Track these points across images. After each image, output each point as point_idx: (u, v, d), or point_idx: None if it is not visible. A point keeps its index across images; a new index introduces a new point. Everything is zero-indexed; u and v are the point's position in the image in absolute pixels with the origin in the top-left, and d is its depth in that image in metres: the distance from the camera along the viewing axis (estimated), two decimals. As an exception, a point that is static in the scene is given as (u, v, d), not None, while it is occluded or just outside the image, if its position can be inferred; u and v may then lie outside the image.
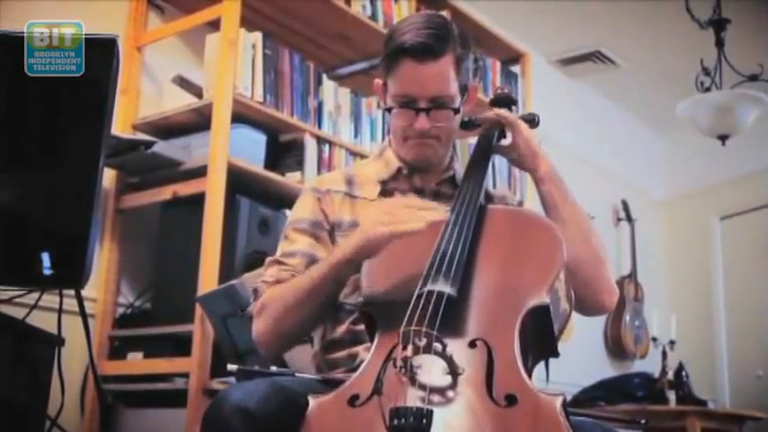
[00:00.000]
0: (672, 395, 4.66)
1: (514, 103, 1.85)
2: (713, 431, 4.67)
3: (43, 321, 1.69)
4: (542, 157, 1.71)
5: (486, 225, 1.53)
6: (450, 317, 1.31)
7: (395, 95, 1.67)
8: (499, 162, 3.50)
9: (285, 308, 1.57)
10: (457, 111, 1.68)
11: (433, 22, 1.69)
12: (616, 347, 5.61)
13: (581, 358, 4.65)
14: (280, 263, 1.68)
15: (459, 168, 1.79)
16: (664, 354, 4.88)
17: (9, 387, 1.58)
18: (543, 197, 1.70)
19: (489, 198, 1.79)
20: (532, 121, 1.82)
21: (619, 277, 5.75)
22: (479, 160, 1.71)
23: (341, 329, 1.64)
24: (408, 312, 1.31)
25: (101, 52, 1.57)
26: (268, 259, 1.71)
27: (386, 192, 1.75)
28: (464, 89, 1.70)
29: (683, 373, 4.75)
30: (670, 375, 4.77)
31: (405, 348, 1.23)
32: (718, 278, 6.10)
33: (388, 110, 1.69)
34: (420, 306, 1.31)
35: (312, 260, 1.65)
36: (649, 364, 5.40)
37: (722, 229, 6.17)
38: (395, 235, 1.43)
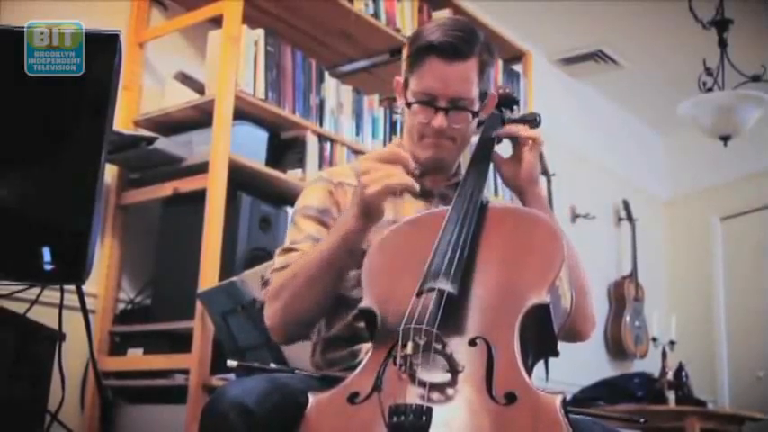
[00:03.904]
0: (671, 395, 4.66)
1: (516, 102, 1.85)
2: (712, 431, 4.67)
3: (44, 316, 1.69)
4: (540, 183, 1.72)
5: (486, 223, 1.53)
6: (450, 315, 1.31)
7: (416, 92, 1.67)
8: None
9: (297, 288, 1.55)
10: (475, 114, 1.69)
11: (462, 25, 1.71)
12: (616, 347, 5.61)
13: (581, 358, 4.64)
14: (289, 250, 1.67)
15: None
16: (664, 354, 4.88)
17: (9, 382, 1.58)
18: None
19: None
20: (533, 120, 1.81)
21: (619, 277, 5.76)
22: (480, 159, 1.70)
23: (341, 325, 1.64)
24: (408, 310, 1.31)
25: (103, 48, 1.57)
26: (278, 250, 1.71)
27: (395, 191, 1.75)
28: (484, 96, 1.71)
29: (683, 374, 4.75)
30: (670, 375, 4.76)
31: (405, 346, 1.23)
32: (718, 279, 6.10)
33: (408, 105, 1.69)
34: (420, 304, 1.31)
35: None
36: (649, 364, 5.40)
37: (723, 230, 6.17)
38: (389, 188, 1.43)
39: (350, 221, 1.50)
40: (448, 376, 1.23)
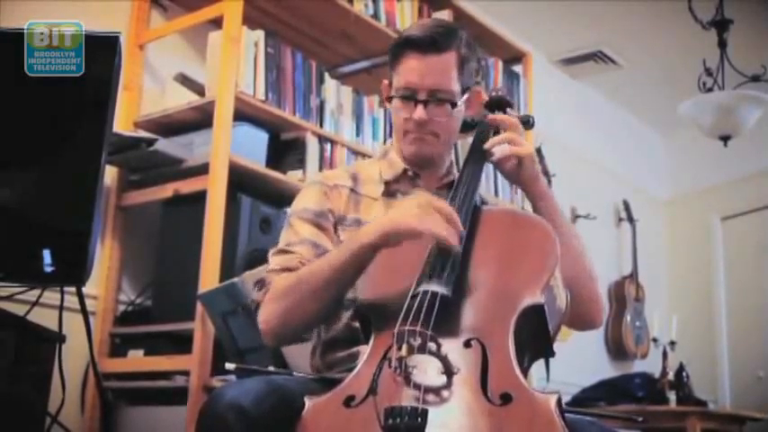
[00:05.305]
0: (672, 396, 4.66)
1: (510, 105, 1.85)
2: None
3: (44, 318, 1.69)
4: (540, 176, 1.72)
5: (480, 224, 1.54)
6: (444, 316, 1.32)
7: (397, 88, 1.69)
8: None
9: (301, 296, 1.54)
10: (454, 105, 1.69)
11: (442, 22, 1.75)
12: (617, 348, 5.62)
13: (581, 358, 4.66)
14: (285, 252, 1.67)
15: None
16: (664, 354, 4.88)
17: (10, 384, 1.58)
18: (539, 214, 1.68)
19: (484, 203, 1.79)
20: (527, 122, 1.82)
21: (620, 277, 5.76)
22: (473, 161, 1.70)
23: (339, 326, 1.65)
24: (403, 312, 1.31)
25: (103, 50, 1.58)
26: (272, 251, 1.71)
27: (389, 192, 1.76)
28: (466, 90, 1.72)
29: (684, 374, 4.76)
30: (670, 376, 4.77)
31: (399, 348, 1.23)
32: (719, 279, 6.10)
33: (389, 99, 1.71)
34: (414, 306, 1.32)
35: (318, 249, 1.65)
36: (650, 365, 5.40)
37: (723, 230, 6.17)
38: (428, 234, 1.40)
39: (369, 237, 1.46)
40: (443, 378, 1.23)
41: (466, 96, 1.72)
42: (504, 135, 1.69)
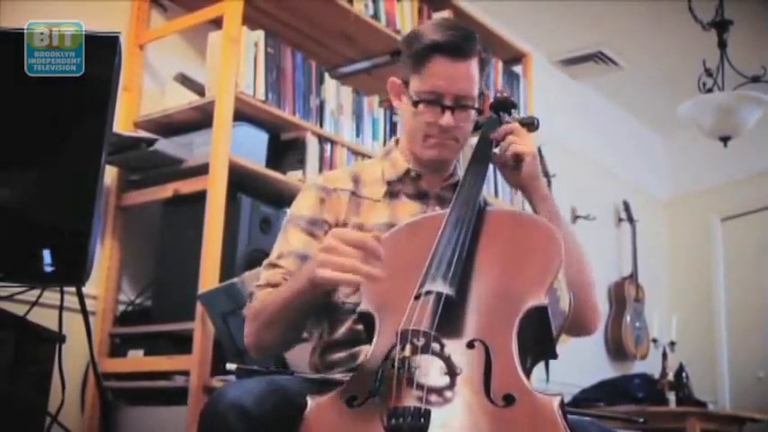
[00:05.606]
0: (672, 396, 4.66)
1: (514, 106, 1.85)
2: (713, 432, 4.67)
3: (44, 318, 1.69)
4: (541, 178, 1.73)
5: (484, 225, 1.54)
6: (448, 317, 1.31)
7: (421, 92, 1.68)
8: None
9: (267, 319, 1.58)
10: (480, 111, 1.71)
11: (459, 24, 1.74)
12: (616, 348, 5.61)
13: (581, 359, 4.66)
14: (274, 266, 1.68)
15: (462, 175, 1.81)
16: (664, 355, 4.88)
17: (10, 384, 1.58)
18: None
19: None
20: (531, 124, 1.82)
21: (620, 278, 5.76)
22: (479, 161, 1.71)
23: (342, 329, 1.65)
24: (407, 312, 1.31)
25: (103, 50, 1.58)
26: (265, 262, 1.72)
27: (391, 193, 1.75)
28: (481, 95, 1.72)
29: (684, 375, 4.76)
30: (670, 376, 4.77)
31: (403, 348, 1.24)
32: (718, 279, 6.10)
33: (415, 105, 1.69)
34: (418, 306, 1.32)
35: (304, 261, 1.65)
36: (650, 365, 5.40)
37: (723, 231, 6.18)
38: (341, 282, 1.37)
39: (303, 282, 1.46)
40: (446, 379, 1.23)
41: (481, 101, 1.73)
42: (509, 138, 1.71)
